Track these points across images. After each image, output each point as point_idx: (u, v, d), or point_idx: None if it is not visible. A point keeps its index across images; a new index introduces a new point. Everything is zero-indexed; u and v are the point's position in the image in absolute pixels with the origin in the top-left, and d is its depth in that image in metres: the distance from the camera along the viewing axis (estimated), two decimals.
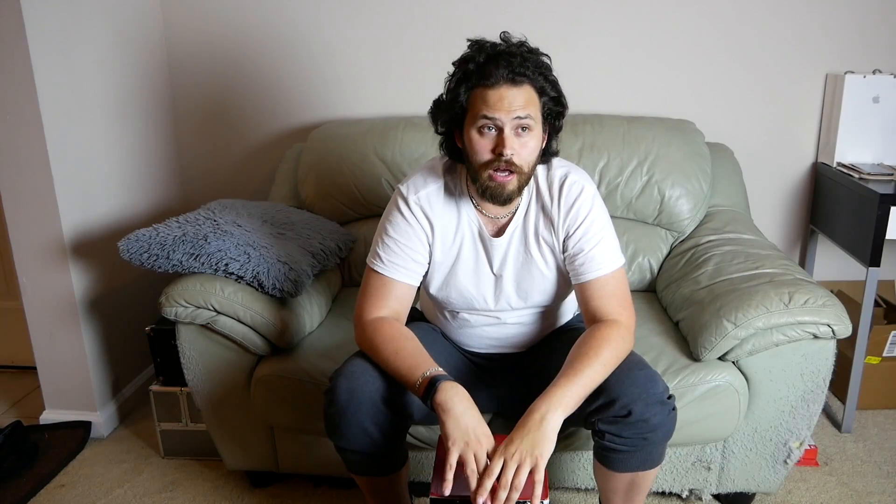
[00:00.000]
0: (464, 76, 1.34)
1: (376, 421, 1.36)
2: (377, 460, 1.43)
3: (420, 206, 1.46)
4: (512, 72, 1.30)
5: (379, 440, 1.38)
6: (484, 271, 1.49)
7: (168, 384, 2.04)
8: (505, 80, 1.30)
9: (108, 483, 2.00)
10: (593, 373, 1.31)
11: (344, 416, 1.35)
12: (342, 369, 1.39)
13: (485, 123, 1.32)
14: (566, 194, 1.43)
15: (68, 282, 2.10)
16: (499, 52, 1.32)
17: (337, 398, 1.35)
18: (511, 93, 1.31)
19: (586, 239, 1.42)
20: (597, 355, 1.32)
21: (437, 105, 1.42)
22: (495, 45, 1.34)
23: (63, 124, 2.04)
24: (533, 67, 1.32)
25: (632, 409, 1.30)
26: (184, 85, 2.56)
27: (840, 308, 1.59)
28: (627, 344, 1.39)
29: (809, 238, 2.49)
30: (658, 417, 1.31)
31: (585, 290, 1.43)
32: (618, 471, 1.39)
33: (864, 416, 2.22)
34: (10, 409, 2.43)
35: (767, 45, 2.34)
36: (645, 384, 1.32)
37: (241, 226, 1.86)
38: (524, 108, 1.31)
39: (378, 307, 1.44)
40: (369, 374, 1.37)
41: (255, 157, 2.61)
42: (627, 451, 1.35)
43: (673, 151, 2.13)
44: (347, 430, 1.36)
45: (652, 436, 1.33)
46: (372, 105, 2.49)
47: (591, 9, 2.34)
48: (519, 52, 1.32)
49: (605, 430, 1.34)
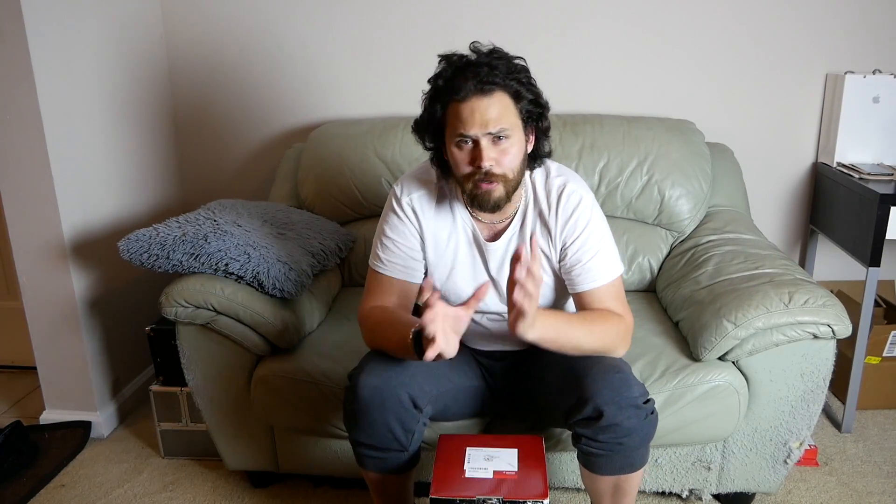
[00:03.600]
0: (435, 93, 1.36)
1: (399, 417, 1.37)
2: (395, 458, 1.44)
3: (412, 208, 1.47)
4: (480, 82, 1.30)
5: (401, 437, 1.39)
6: (481, 275, 1.50)
7: (168, 384, 2.04)
8: (474, 92, 1.30)
9: (108, 483, 2.00)
10: (582, 334, 1.35)
11: (367, 412, 1.36)
12: (364, 366, 1.40)
13: (460, 138, 1.33)
14: (564, 204, 1.44)
15: (68, 282, 2.10)
16: (465, 64, 1.32)
17: (360, 395, 1.36)
18: (482, 104, 1.30)
19: (584, 250, 1.43)
20: (593, 322, 1.37)
21: (417, 124, 1.43)
22: (462, 56, 1.35)
23: (63, 125, 2.04)
24: (504, 73, 1.32)
25: (603, 410, 1.30)
26: (184, 85, 2.56)
27: (840, 308, 1.59)
28: (623, 341, 1.41)
29: (809, 238, 2.49)
30: (631, 421, 1.31)
31: (583, 298, 1.45)
32: (600, 474, 1.40)
33: (864, 416, 2.22)
34: (10, 409, 2.43)
35: (767, 45, 2.34)
36: (618, 387, 1.32)
37: (241, 226, 1.86)
38: (497, 119, 1.31)
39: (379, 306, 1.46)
40: (392, 371, 1.38)
41: (255, 157, 2.61)
42: (605, 455, 1.36)
43: (673, 151, 2.13)
44: (370, 426, 1.37)
45: (627, 440, 1.33)
46: (372, 105, 2.49)
47: (591, 9, 2.34)
48: (486, 62, 1.32)
49: (581, 433, 1.35)
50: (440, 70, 1.36)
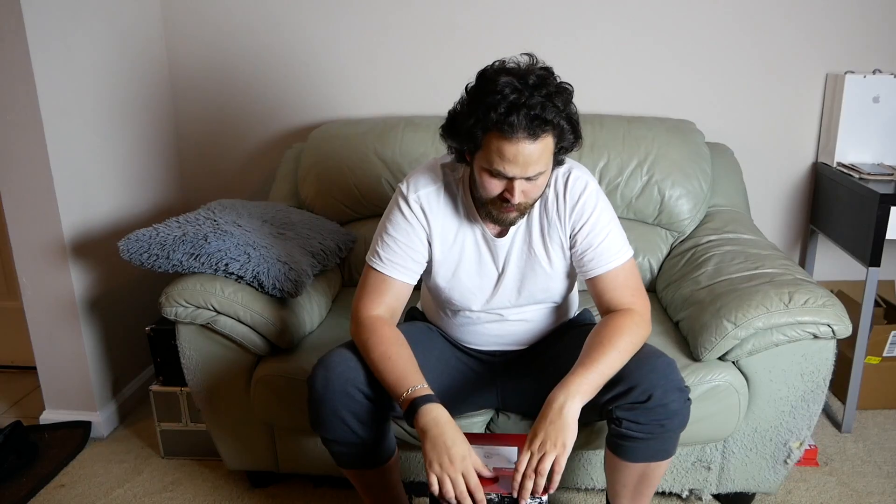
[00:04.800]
0: (483, 121, 1.26)
1: (352, 410, 1.37)
2: (361, 452, 1.43)
3: (420, 205, 1.46)
4: (531, 124, 1.23)
5: (358, 430, 1.38)
6: (487, 271, 1.50)
7: (168, 384, 2.04)
8: (524, 136, 1.24)
9: (108, 483, 2.00)
10: (610, 361, 1.32)
11: (321, 405, 1.37)
12: (322, 358, 1.41)
13: (498, 172, 1.29)
14: (570, 190, 1.44)
15: (68, 282, 2.10)
16: (520, 104, 1.23)
17: (314, 387, 1.37)
18: (527, 149, 1.25)
19: (594, 234, 1.43)
20: (612, 344, 1.34)
21: (450, 131, 1.36)
22: (515, 89, 1.23)
23: (63, 124, 2.04)
24: (555, 112, 1.25)
25: (652, 393, 1.32)
26: (184, 85, 2.56)
27: (840, 308, 1.59)
28: (643, 330, 1.40)
29: (809, 238, 2.49)
30: (676, 404, 1.33)
31: (597, 283, 1.44)
32: (631, 460, 1.40)
33: (864, 416, 2.22)
34: (10, 409, 2.43)
35: (767, 45, 2.34)
36: (664, 371, 1.35)
37: (241, 226, 1.86)
38: (538, 162, 1.27)
39: (375, 304, 1.45)
40: (346, 364, 1.38)
41: (255, 157, 2.61)
42: (643, 439, 1.36)
43: (673, 151, 2.13)
44: (326, 419, 1.38)
45: (668, 423, 1.34)
46: (372, 105, 2.49)
47: (592, 8, 2.34)
48: (540, 100, 1.23)
49: (622, 416, 1.35)
50: (490, 101, 1.24)
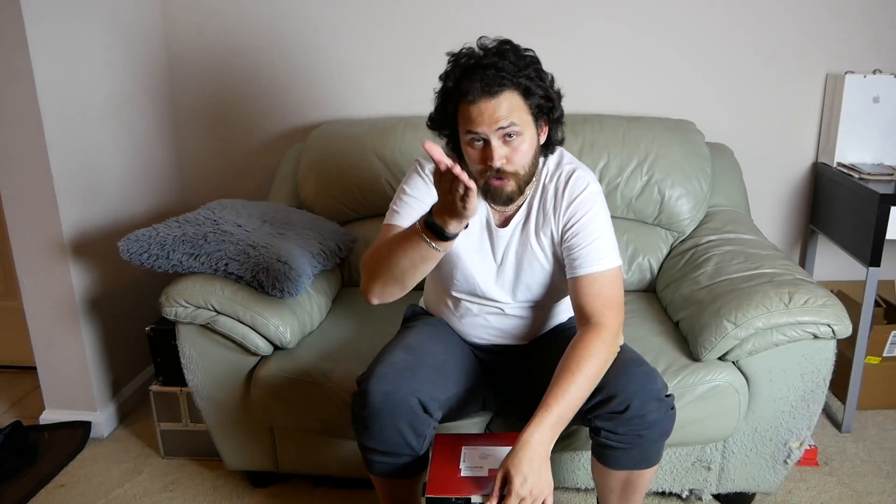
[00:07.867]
0: (446, 94, 1.38)
1: (411, 423, 1.36)
2: (406, 463, 1.43)
3: None
4: (487, 84, 1.31)
5: (413, 442, 1.38)
6: (487, 259, 1.51)
7: (168, 384, 2.03)
8: (481, 94, 1.31)
9: (108, 483, 2.00)
10: (577, 390, 1.31)
11: (378, 418, 1.35)
12: (374, 371, 1.39)
13: (472, 137, 1.35)
14: (571, 187, 1.45)
15: (68, 282, 2.10)
16: (473, 66, 1.33)
17: (371, 400, 1.35)
18: (490, 105, 1.32)
19: (585, 234, 1.43)
20: (580, 370, 1.32)
21: (431, 121, 1.46)
22: (470, 56, 1.35)
23: (63, 124, 2.04)
24: (512, 72, 1.32)
25: (630, 403, 1.31)
26: (184, 85, 2.56)
27: (840, 308, 1.59)
28: (611, 348, 1.38)
29: (809, 238, 2.49)
30: (654, 414, 1.33)
31: (576, 284, 1.43)
32: (613, 468, 1.40)
33: (864, 416, 2.22)
34: (10, 409, 2.42)
35: (767, 45, 2.34)
36: (643, 381, 1.34)
37: (241, 226, 1.86)
38: (507, 117, 1.32)
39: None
40: (403, 376, 1.38)
41: (255, 157, 2.61)
42: (622, 448, 1.36)
43: (673, 151, 2.13)
44: (381, 432, 1.37)
45: (647, 433, 1.33)
46: (372, 105, 2.48)
47: (591, 9, 2.34)
48: (493, 62, 1.32)
49: (601, 426, 1.35)
50: (449, 70, 1.37)
